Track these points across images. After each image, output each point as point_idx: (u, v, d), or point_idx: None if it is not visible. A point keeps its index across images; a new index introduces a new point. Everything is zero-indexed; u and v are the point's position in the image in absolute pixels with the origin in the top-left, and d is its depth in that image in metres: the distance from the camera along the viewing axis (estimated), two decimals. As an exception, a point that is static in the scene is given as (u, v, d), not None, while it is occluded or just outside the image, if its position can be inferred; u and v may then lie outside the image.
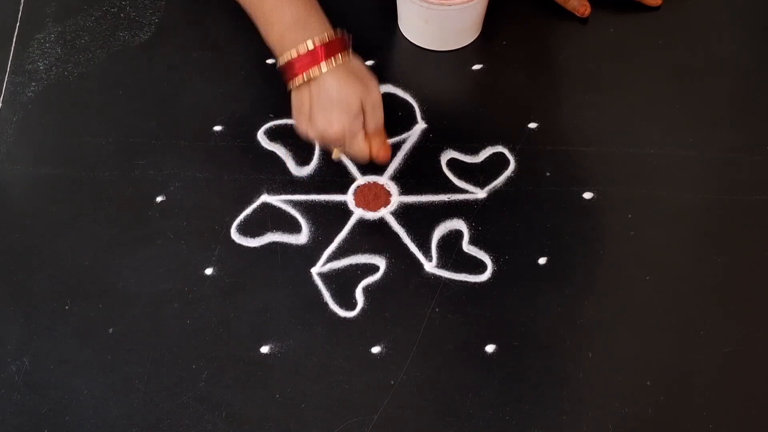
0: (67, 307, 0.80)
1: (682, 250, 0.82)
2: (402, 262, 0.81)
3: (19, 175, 0.87)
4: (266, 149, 0.88)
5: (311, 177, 0.86)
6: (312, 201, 0.85)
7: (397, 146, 0.87)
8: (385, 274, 0.81)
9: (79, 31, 0.96)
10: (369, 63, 0.92)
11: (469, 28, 0.93)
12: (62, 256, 0.82)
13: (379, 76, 0.91)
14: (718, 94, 0.91)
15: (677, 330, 0.78)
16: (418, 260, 0.81)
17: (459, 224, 0.83)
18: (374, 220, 0.84)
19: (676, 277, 0.80)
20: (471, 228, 0.83)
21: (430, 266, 0.81)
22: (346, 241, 0.82)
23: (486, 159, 0.87)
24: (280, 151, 0.87)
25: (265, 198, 0.85)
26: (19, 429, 0.74)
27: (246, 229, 0.83)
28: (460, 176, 0.85)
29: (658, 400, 0.74)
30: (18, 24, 0.96)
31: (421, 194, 0.85)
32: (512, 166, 0.86)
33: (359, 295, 0.80)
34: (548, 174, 0.85)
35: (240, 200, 0.85)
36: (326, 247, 0.82)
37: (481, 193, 0.85)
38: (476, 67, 0.92)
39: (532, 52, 0.94)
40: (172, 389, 0.76)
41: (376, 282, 0.80)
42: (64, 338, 0.78)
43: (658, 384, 0.75)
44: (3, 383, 0.76)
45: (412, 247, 0.82)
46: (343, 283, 0.80)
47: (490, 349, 0.77)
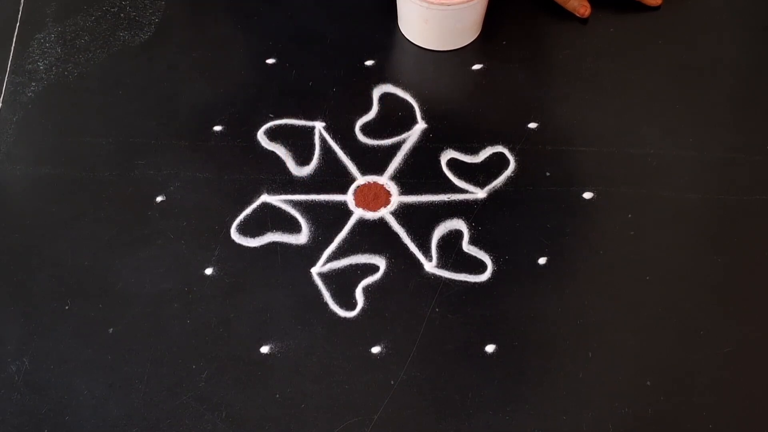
0: (67, 307, 0.80)
1: (682, 250, 0.81)
2: (402, 262, 0.81)
3: (19, 175, 0.87)
4: (266, 149, 0.88)
5: (311, 177, 0.86)
6: (312, 201, 0.85)
7: (397, 146, 0.88)
8: (385, 274, 0.81)
9: (79, 31, 0.96)
10: (369, 63, 0.92)
11: (469, 28, 0.93)
12: (62, 256, 0.82)
13: (379, 76, 0.92)
14: (718, 94, 0.91)
15: (677, 330, 0.78)
16: (418, 260, 0.81)
17: (459, 224, 0.83)
18: (374, 220, 0.84)
19: (676, 277, 0.80)
20: (471, 228, 0.83)
21: (430, 266, 0.81)
22: (346, 241, 0.82)
23: (486, 159, 0.86)
24: (280, 151, 0.87)
25: (265, 198, 0.85)
26: (19, 429, 0.74)
27: (246, 229, 0.83)
28: (460, 176, 0.85)
29: (658, 400, 0.74)
30: (18, 24, 0.97)
31: (421, 194, 0.85)
32: (512, 166, 0.86)
33: (359, 295, 0.80)
34: (548, 174, 0.85)
35: (240, 200, 0.85)
36: (326, 247, 0.82)
37: (481, 193, 0.85)
38: (476, 67, 0.92)
39: (532, 52, 0.94)
40: (172, 389, 0.76)
41: (376, 282, 0.80)
42: (64, 338, 0.78)
43: (658, 384, 0.75)
44: (3, 383, 0.76)
45: (412, 247, 0.82)
46: (343, 283, 0.80)
47: (490, 349, 0.77)
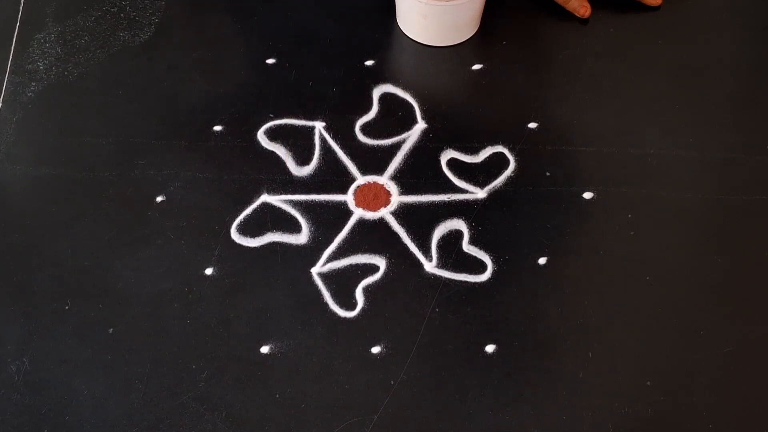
0: (67, 307, 0.80)
1: (682, 250, 0.81)
2: (402, 262, 0.81)
3: (19, 175, 0.87)
4: (266, 149, 0.88)
5: (311, 177, 0.86)
6: (312, 201, 0.85)
7: (397, 146, 0.88)
8: (385, 274, 0.81)
9: (79, 31, 0.96)
10: (369, 63, 0.92)
11: (468, 24, 0.93)
12: (62, 256, 0.82)
13: (379, 76, 0.92)
14: (718, 94, 0.91)
15: (677, 330, 0.78)
16: (418, 260, 0.81)
17: (459, 224, 0.83)
18: (374, 220, 0.84)
19: (676, 277, 0.80)
20: (471, 228, 0.83)
21: (430, 266, 0.81)
22: (346, 241, 0.82)
23: (486, 159, 0.86)
24: (280, 151, 0.87)
25: (265, 198, 0.85)
26: (19, 429, 0.74)
27: (246, 229, 0.83)
28: (460, 176, 0.85)
29: (658, 400, 0.74)
30: (18, 24, 0.97)
31: (421, 194, 0.85)
32: (512, 166, 0.86)
33: (359, 295, 0.80)
34: (548, 174, 0.85)
35: (240, 200, 0.85)
36: (326, 247, 0.82)
37: (481, 193, 0.85)
38: (476, 66, 0.92)
39: (532, 52, 0.94)
40: (172, 389, 0.76)
41: (376, 282, 0.80)
42: (64, 338, 0.78)
43: (658, 384, 0.75)
44: (3, 383, 0.76)
45: (412, 247, 0.82)
46: (343, 283, 0.80)
47: (490, 349, 0.77)
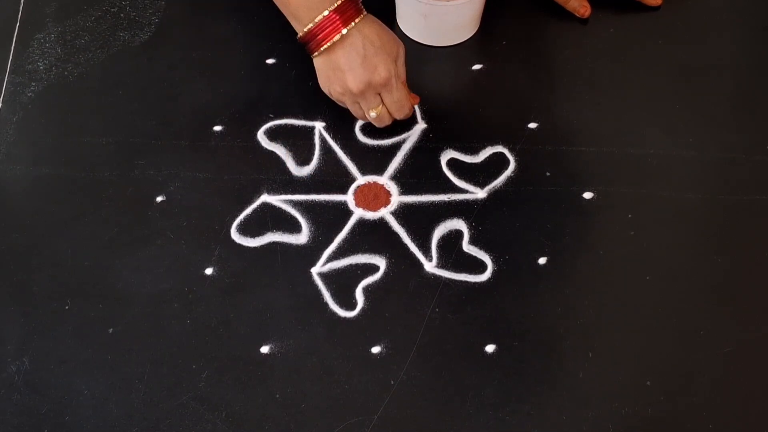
0: (67, 307, 0.80)
1: (682, 250, 0.81)
2: (402, 262, 0.81)
3: (19, 175, 0.87)
4: (266, 149, 0.88)
5: (311, 177, 0.86)
6: (312, 201, 0.85)
7: (397, 146, 0.88)
8: (385, 274, 0.81)
9: (79, 31, 0.96)
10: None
11: (468, 24, 0.93)
12: (62, 256, 0.82)
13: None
14: (718, 94, 0.91)
15: (677, 330, 0.78)
16: (418, 260, 0.81)
17: (459, 224, 0.83)
18: (374, 220, 0.84)
19: (676, 277, 0.80)
20: (471, 228, 0.83)
21: (430, 266, 0.81)
22: (346, 241, 0.82)
23: (486, 159, 0.86)
24: (280, 151, 0.87)
25: (265, 198, 0.85)
26: (19, 429, 0.74)
27: (246, 229, 0.83)
28: (460, 176, 0.85)
29: (658, 400, 0.74)
30: (18, 24, 0.97)
31: (421, 194, 0.85)
32: (512, 166, 0.86)
33: (359, 295, 0.80)
34: (548, 174, 0.85)
35: (240, 200, 0.85)
36: (326, 247, 0.82)
37: (481, 193, 0.84)
38: (476, 67, 0.92)
39: (532, 52, 0.94)
40: (172, 389, 0.76)
41: (376, 282, 0.80)
42: (64, 338, 0.78)
43: (658, 384, 0.75)
44: (3, 383, 0.76)
45: (412, 247, 0.82)
46: (343, 283, 0.80)
47: (490, 349, 0.77)
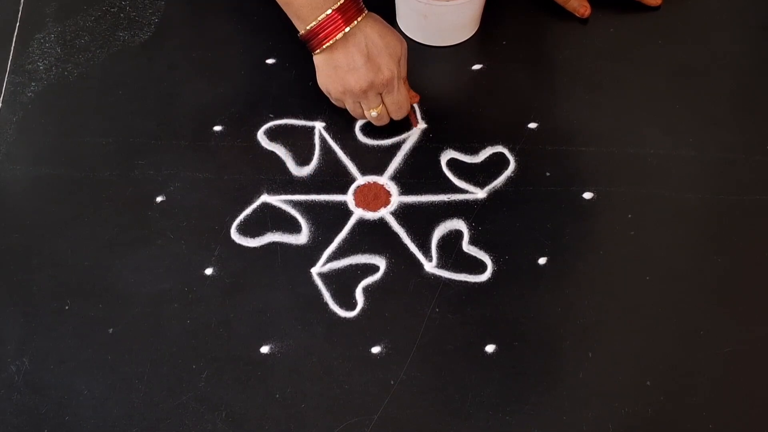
0: (67, 307, 0.80)
1: (682, 250, 0.81)
2: (402, 262, 0.81)
3: (19, 175, 0.87)
4: (266, 149, 0.88)
5: (311, 177, 0.86)
6: (312, 201, 0.85)
7: (397, 146, 0.88)
8: (385, 274, 0.81)
9: (79, 31, 0.96)
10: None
11: (468, 24, 0.93)
12: (62, 256, 0.82)
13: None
14: (718, 94, 0.91)
15: (677, 330, 0.78)
16: (418, 260, 0.81)
17: (459, 224, 0.83)
18: (374, 220, 0.84)
19: (676, 277, 0.80)
20: (471, 228, 0.83)
21: (430, 266, 0.81)
22: (346, 241, 0.82)
23: (486, 159, 0.86)
24: (280, 151, 0.87)
25: (265, 198, 0.85)
26: (19, 429, 0.74)
27: (246, 229, 0.83)
28: (460, 176, 0.85)
29: (658, 400, 0.74)
30: (18, 24, 0.97)
31: (421, 194, 0.85)
32: (512, 166, 0.86)
33: (359, 295, 0.80)
34: (548, 174, 0.85)
35: (240, 200, 0.85)
36: (326, 247, 0.82)
37: (481, 193, 0.84)
38: (476, 67, 0.92)
39: (532, 52, 0.94)
40: (172, 389, 0.76)
41: (376, 282, 0.80)
42: (64, 338, 0.78)
43: (658, 384, 0.75)
44: (3, 383, 0.76)
45: (412, 247, 0.82)
46: (343, 283, 0.80)
47: (490, 349, 0.77)
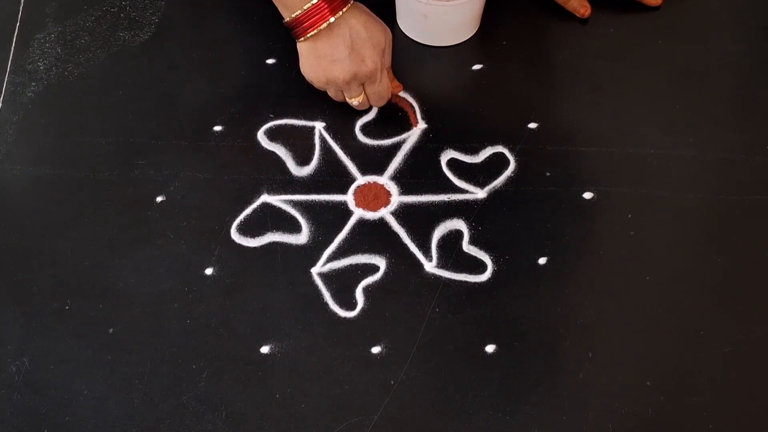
0: (67, 307, 0.80)
1: (682, 250, 0.81)
2: (402, 262, 0.81)
3: (19, 175, 0.87)
4: (266, 149, 0.88)
5: (311, 177, 0.86)
6: (312, 201, 0.85)
7: (397, 146, 0.88)
8: (385, 274, 0.81)
9: (79, 31, 0.96)
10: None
11: (468, 24, 0.93)
12: (62, 256, 0.82)
13: (379, 76, 0.91)
14: (718, 94, 0.91)
15: (677, 330, 0.78)
16: (418, 260, 0.81)
17: (459, 224, 0.83)
18: (374, 220, 0.84)
19: (676, 277, 0.80)
20: (471, 228, 0.83)
21: (430, 266, 0.81)
22: (346, 241, 0.82)
23: (486, 159, 0.86)
24: (280, 151, 0.87)
25: (265, 198, 0.85)
26: (19, 429, 0.74)
27: (246, 229, 0.83)
28: (460, 176, 0.85)
29: (658, 400, 0.74)
30: (18, 24, 0.97)
31: (421, 194, 0.85)
32: (512, 166, 0.86)
33: (359, 295, 0.80)
34: (548, 174, 0.85)
35: (240, 200, 0.85)
36: (326, 247, 0.82)
37: (481, 193, 0.85)
38: (476, 67, 0.92)
39: (532, 52, 0.94)
40: (172, 389, 0.76)
41: (376, 282, 0.80)
42: (64, 338, 0.78)
43: (658, 384, 0.75)
44: (3, 383, 0.76)
45: (412, 247, 0.82)
46: (343, 283, 0.80)
47: (490, 349, 0.77)
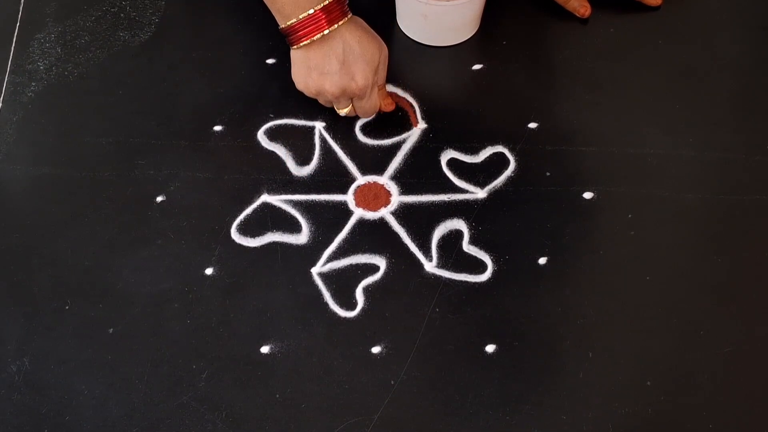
0: (67, 307, 0.80)
1: (682, 250, 0.81)
2: (402, 262, 0.81)
3: (19, 175, 0.87)
4: (266, 149, 0.88)
5: (311, 177, 0.86)
6: (312, 201, 0.85)
7: (397, 146, 0.88)
8: (385, 274, 0.81)
9: (79, 31, 0.96)
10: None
11: (468, 24, 0.93)
12: (62, 256, 0.82)
13: (379, 76, 0.91)
14: (718, 94, 0.91)
15: (677, 330, 0.78)
16: (418, 260, 0.81)
17: (459, 224, 0.83)
18: (374, 220, 0.84)
19: (676, 277, 0.80)
20: (471, 228, 0.83)
21: (430, 266, 0.81)
22: (346, 241, 0.82)
23: (486, 159, 0.86)
24: (280, 151, 0.87)
25: (265, 198, 0.85)
26: (19, 429, 0.74)
27: (246, 229, 0.83)
28: (460, 176, 0.85)
29: (658, 400, 0.74)
30: (18, 24, 0.97)
31: (421, 194, 0.85)
32: (512, 166, 0.86)
33: (359, 295, 0.80)
34: (548, 174, 0.85)
35: (240, 200, 0.85)
36: (326, 247, 0.82)
37: (481, 193, 0.85)
38: (476, 67, 0.92)
39: (532, 52, 0.94)
40: (172, 389, 0.76)
41: (376, 282, 0.80)
42: (64, 338, 0.78)
43: (658, 384, 0.75)
44: (3, 383, 0.76)
45: (412, 247, 0.82)
46: (343, 283, 0.80)
47: (490, 349, 0.77)
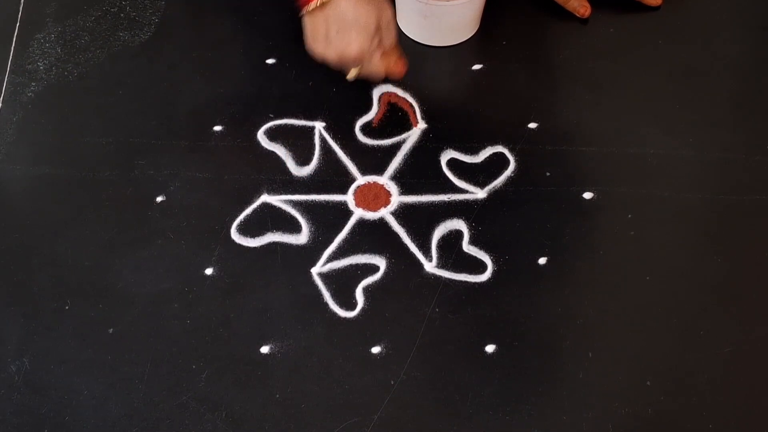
0: (67, 307, 0.80)
1: (682, 250, 0.81)
2: (402, 262, 0.81)
3: (19, 175, 0.87)
4: (266, 149, 0.88)
5: (311, 177, 0.86)
6: (312, 201, 0.85)
7: (397, 146, 0.88)
8: (385, 274, 0.81)
9: (79, 31, 0.96)
10: (369, 63, 0.92)
11: (468, 24, 0.93)
12: (62, 256, 0.82)
13: (379, 76, 0.91)
14: (718, 94, 0.91)
15: (677, 330, 0.78)
16: (418, 260, 0.81)
17: (459, 224, 0.83)
18: (374, 220, 0.84)
19: (676, 277, 0.80)
20: (471, 228, 0.83)
21: (430, 266, 0.81)
22: (346, 241, 0.82)
23: (486, 159, 0.86)
24: (280, 151, 0.87)
25: (265, 198, 0.85)
26: (19, 429, 0.74)
27: (246, 229, 0.83)
28: (460, 176, 0.85)
29: (658, 400, 0.74)
30: (18, 24, 0.97)
31: (421, 194, 0.85)
32: (512, 166, 0.86)
33: (359, 295, 0.80)
34: (548, 174, 0.85)
35: (240, 200, 0.85)
36: (326, 247, 0.82)
37: (481, 193, 0.84)
38: (476, 67, 0.92)
39: (532, 52, 0.94)
40: (172, 389, 0.76)
41: (376, 282, 0.80)
42: (64, 338, 0.78)
43: (658, 384, 0.75)
44: (3, 383, 0.76)
45: (412, 247, 0.82)
46: (343, 283, 0.80)
47: (490, 349, 0.77)
